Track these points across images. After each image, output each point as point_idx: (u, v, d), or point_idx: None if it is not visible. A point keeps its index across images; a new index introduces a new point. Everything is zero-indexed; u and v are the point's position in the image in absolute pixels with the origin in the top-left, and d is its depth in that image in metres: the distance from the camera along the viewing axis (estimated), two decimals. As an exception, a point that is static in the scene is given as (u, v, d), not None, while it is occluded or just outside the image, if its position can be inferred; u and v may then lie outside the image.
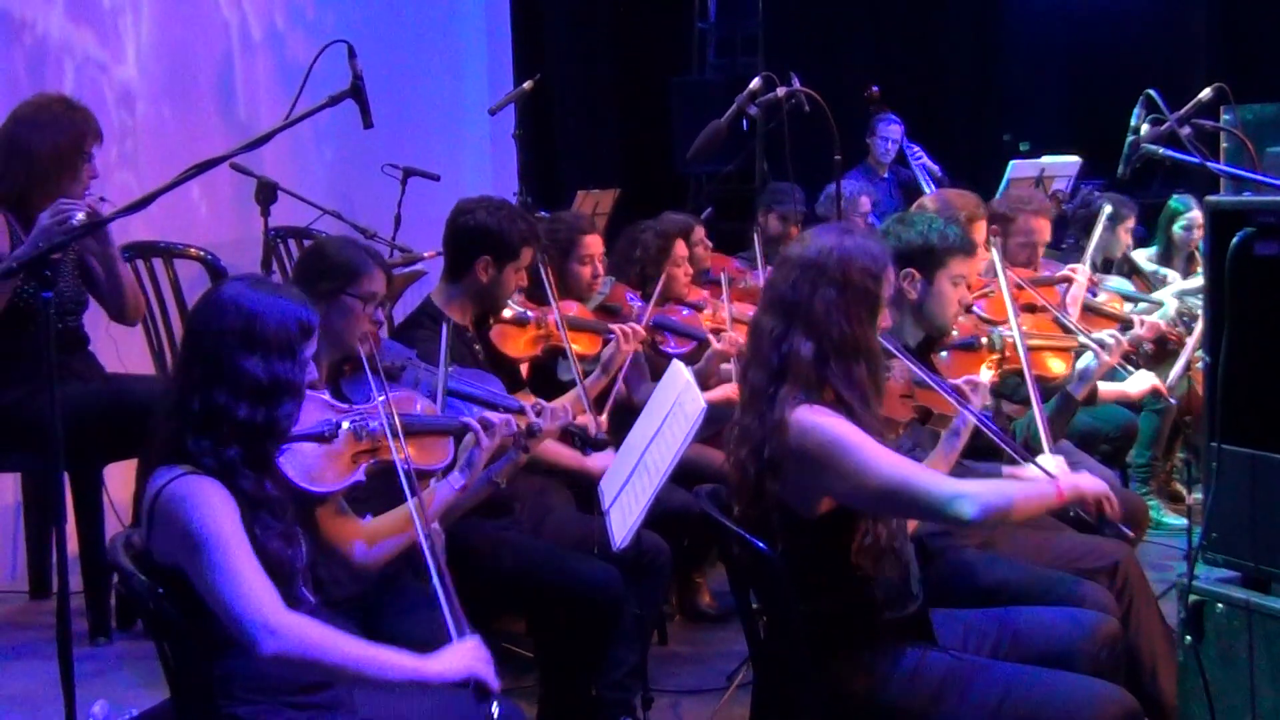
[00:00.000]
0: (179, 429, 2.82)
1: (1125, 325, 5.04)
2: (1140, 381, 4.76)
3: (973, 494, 2.99)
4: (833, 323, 3.08)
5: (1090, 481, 3.21)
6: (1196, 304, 5.87)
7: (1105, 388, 4.61)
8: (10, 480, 5.30)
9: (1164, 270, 6.70)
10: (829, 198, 6.91)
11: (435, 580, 2.94)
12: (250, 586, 2.72)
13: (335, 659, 2.76)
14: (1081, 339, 4.43)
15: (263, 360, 2.82)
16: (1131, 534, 3.56)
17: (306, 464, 3.08)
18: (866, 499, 3.06)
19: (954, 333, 4.12)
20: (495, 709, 2.81)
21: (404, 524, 3.23)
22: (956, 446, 3.54)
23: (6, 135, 4.55)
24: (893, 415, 3.54)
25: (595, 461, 4.03)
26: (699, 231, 6.01)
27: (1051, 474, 3.22)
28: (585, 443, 3.78)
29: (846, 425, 3.03)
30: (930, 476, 3.11)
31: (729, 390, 4.50)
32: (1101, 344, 4.27)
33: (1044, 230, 5.57)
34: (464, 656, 2.82)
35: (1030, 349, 4.13)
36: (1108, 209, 6.17)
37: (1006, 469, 3.41)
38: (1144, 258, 6.78)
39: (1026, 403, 4.01)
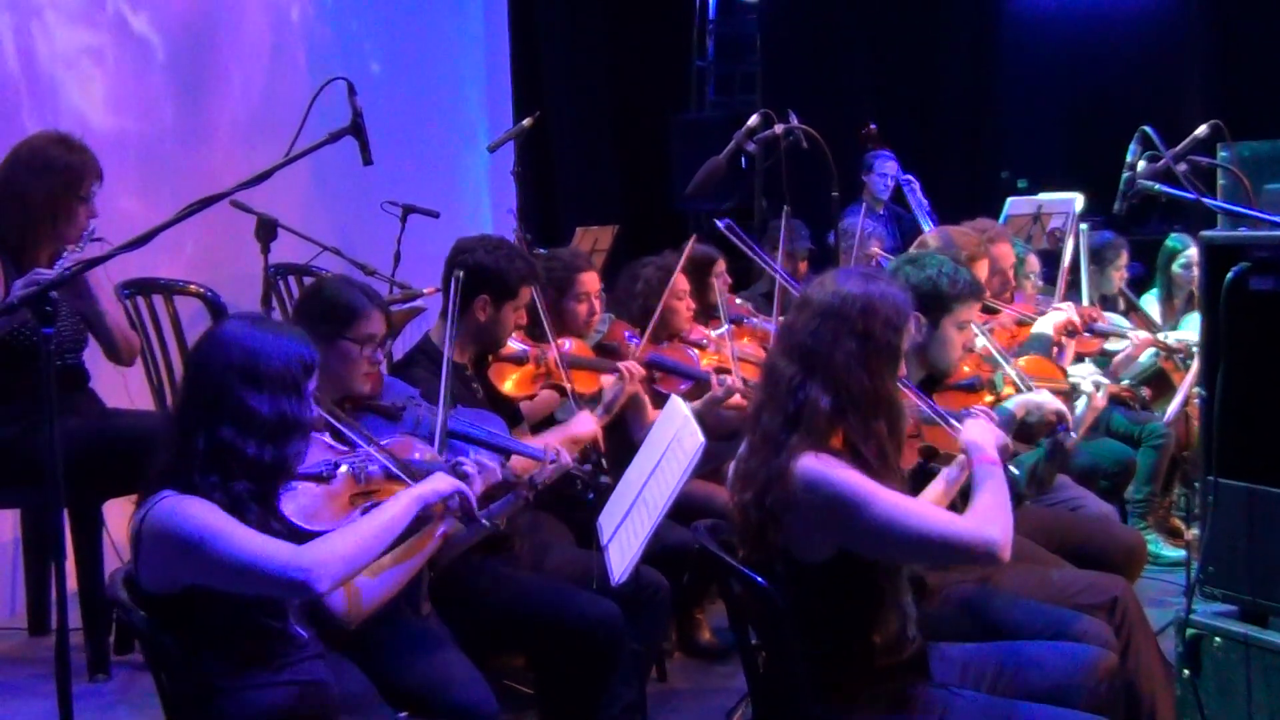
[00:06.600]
0: (181, 465, 2.82)
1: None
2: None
3: (994, 529, 2.98)
4: (853, 376, 3.03)
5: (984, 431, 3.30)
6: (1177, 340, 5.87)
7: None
8: (9, 516, 5.29)
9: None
10: (845, 231, 6.90)
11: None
12: (266, 547, 2.77)
13: (367, 550, 2.88)
14: (1072, 378, 4.40)
15: (269, 398, 2.83)
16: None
17: (304, 504, 3.07)
18: (890, 551, 3.04)
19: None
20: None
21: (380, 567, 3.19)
22: (958, 479, 3.44)
23: (2, 178, 4.51)
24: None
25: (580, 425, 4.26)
26: (720, 265, 5.99)
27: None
28: (588, 487, 3.79)
29: (856, 475, 2.99)
30: (953, 521, 3.04)
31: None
32: (1080, 388, 4.19)
33: (1006, 255, 5.56)
34: (440, 479, 3.10)
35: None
36: (1070, 242, 6.14)
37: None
38: (1151, 302, 6.76)
39: (1028, 440, 4.00)
